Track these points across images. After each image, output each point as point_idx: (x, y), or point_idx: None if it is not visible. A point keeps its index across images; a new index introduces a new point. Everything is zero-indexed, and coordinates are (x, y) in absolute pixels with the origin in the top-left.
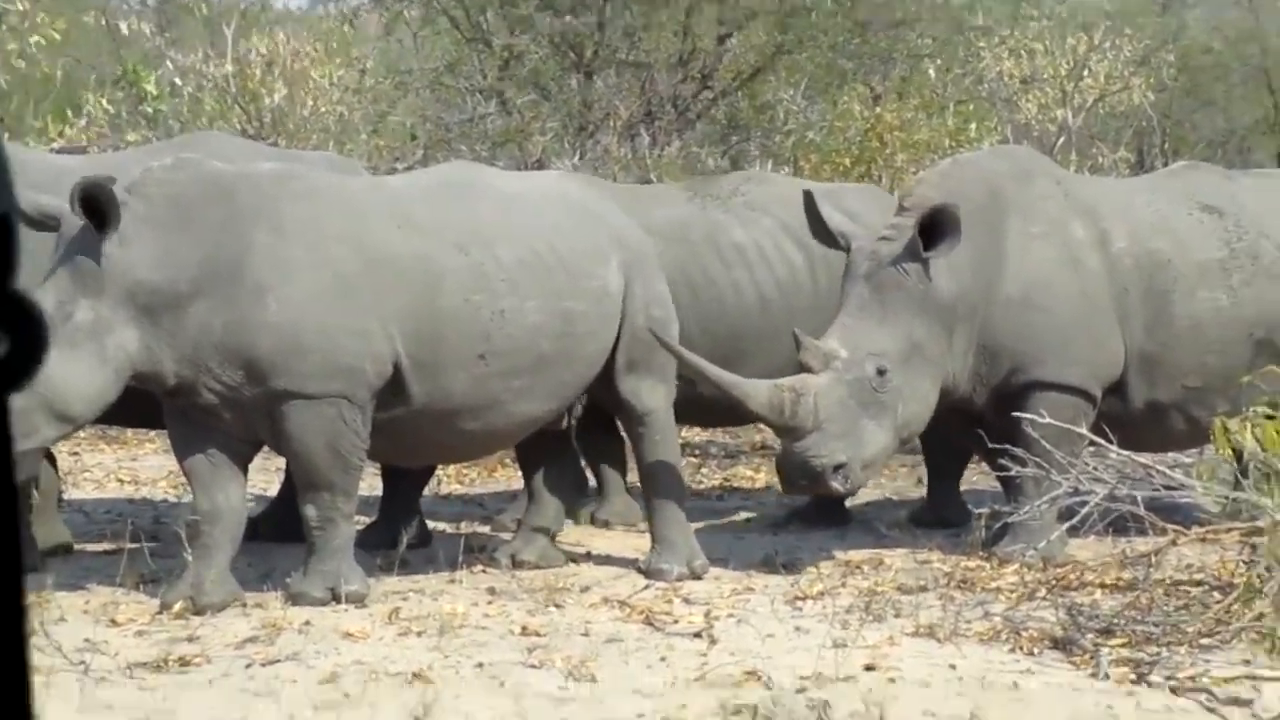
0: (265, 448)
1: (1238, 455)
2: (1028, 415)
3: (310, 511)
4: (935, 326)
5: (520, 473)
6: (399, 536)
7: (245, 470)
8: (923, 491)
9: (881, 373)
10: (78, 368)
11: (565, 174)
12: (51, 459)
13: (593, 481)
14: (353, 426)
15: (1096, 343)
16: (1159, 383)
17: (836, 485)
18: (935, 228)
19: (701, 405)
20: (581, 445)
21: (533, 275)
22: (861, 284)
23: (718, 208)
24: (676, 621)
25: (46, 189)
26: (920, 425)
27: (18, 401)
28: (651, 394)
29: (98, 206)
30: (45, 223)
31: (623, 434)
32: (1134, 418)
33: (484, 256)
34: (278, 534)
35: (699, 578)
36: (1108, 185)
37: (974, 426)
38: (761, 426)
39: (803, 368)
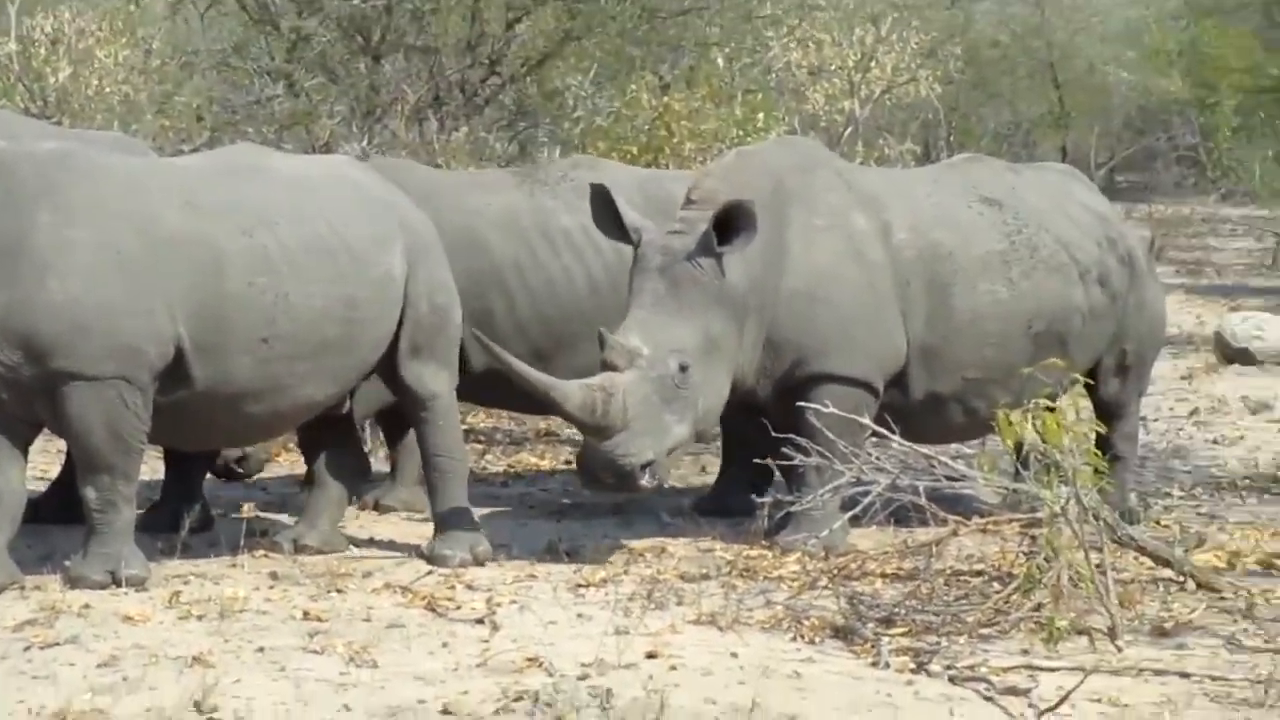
0: (46, 429)
1: (1018, 448)
2: (811, 405)
3: (90, 494)
4: (729, 320)
5: (303, 457)
6: (181, 520)
7: (25, 452)
8: (705, 479)
9: (683, 369)
10: None
11: (350, 159)
12: None
13: (387, 467)
14: (133, 409)
15: (880, 335)
16: (939, 375)
17: (645, 483)
18: (730, 222)
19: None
20: (384, 430)
21: (317, 260)
22: (655, 278)
23: (546, 194)
24: (459, 608)
25: None
26: (716, 418)
27: None
28: (435, 379)
29: None
30: None
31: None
32: (914, 409)
33: (268, 239)
34: (58, 516)
35: (482, 564)
36: (889, 176)
37: (755, 416)
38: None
39: (607, 365)
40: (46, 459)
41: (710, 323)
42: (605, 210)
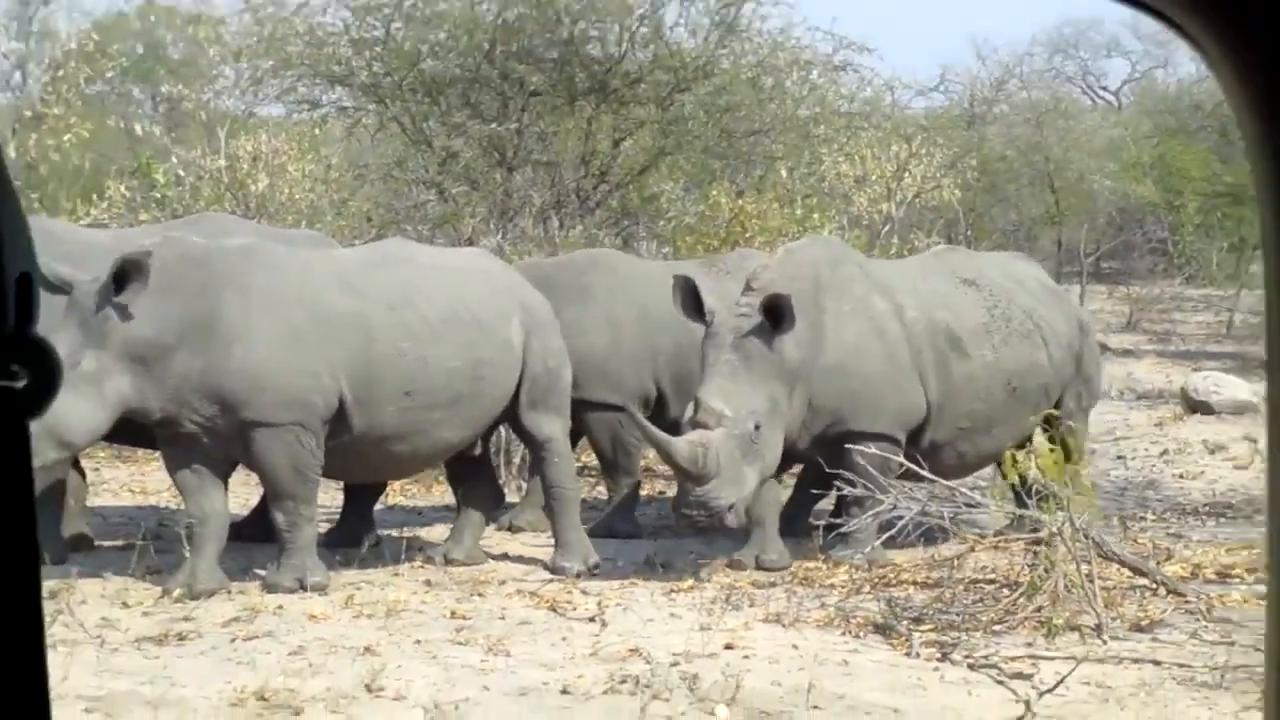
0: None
1: (1022, 481)
2: (855, 448)
3: (279, 517)
4: (784, 388)
5: (450, 489)
6: (355, 539)
7: (226, 483)
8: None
9: (757, 428)
10: (79, 405)
11: (481, 250)
12: (81, 472)
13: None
14: (308, 448)
15: (901, 396)
16: (941, 425)
17: (731, 520)
18: (776, 311)
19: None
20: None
21: (450, 329)
22: (729, 352)
23: (727, 278)
24: (575, 609)
25: (76, 256)
26: (775, 467)
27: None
28: (550, 425)
29: (127, 274)
30: (60, 287)
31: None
32: (921, 454)
33: (410, 314)
34: (256, 536)
35: (593, 574)
36: (894, 266)
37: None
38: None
39: (698, 424)
40: (247, 490)
41: (773, 390)
42: (688, 295)
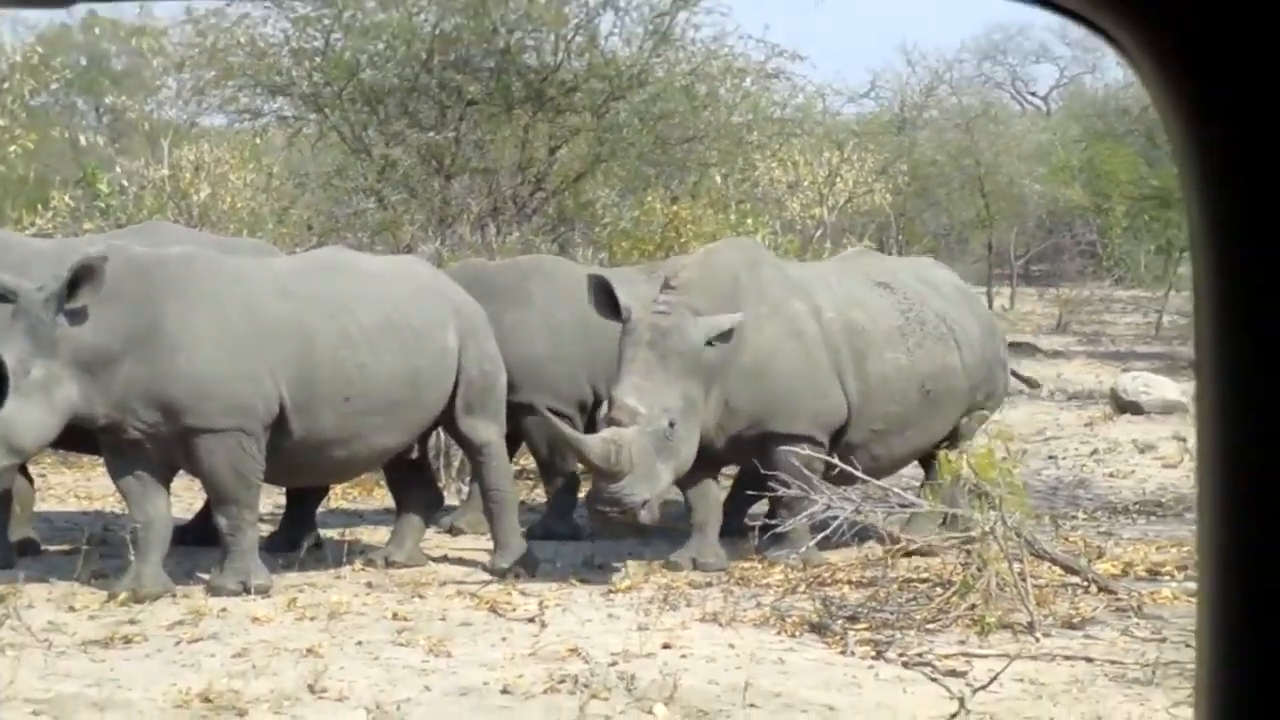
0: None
1: (955, 479)
2: (783, 448)
3: (222, 521)
4: (700, 386)
5: (390, 491)
6: (297, 542)
7: (168, 489)
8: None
9: (671, 425)
10: (30, 412)
11: (416, 258)
12: (28, 478)
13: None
14: (250, 453)
15: (820, 397)
16: (857, 427)
17: (644, 517)
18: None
19: None
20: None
21: (387, 336)
22: (645, 349)
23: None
24: (515, 609)
25: (21, 265)
26: (689, 465)
27: None
28: (485, 430)
29: (81, 279)
30: (4, 296)
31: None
32: (834, 455)
33: (348, 321)
34: (199, 539)
35: (533, 575)
36: (810, 269)
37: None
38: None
39: (612, 421)
40: (190, 494)
41: (688, 388)
42: (602, 295)
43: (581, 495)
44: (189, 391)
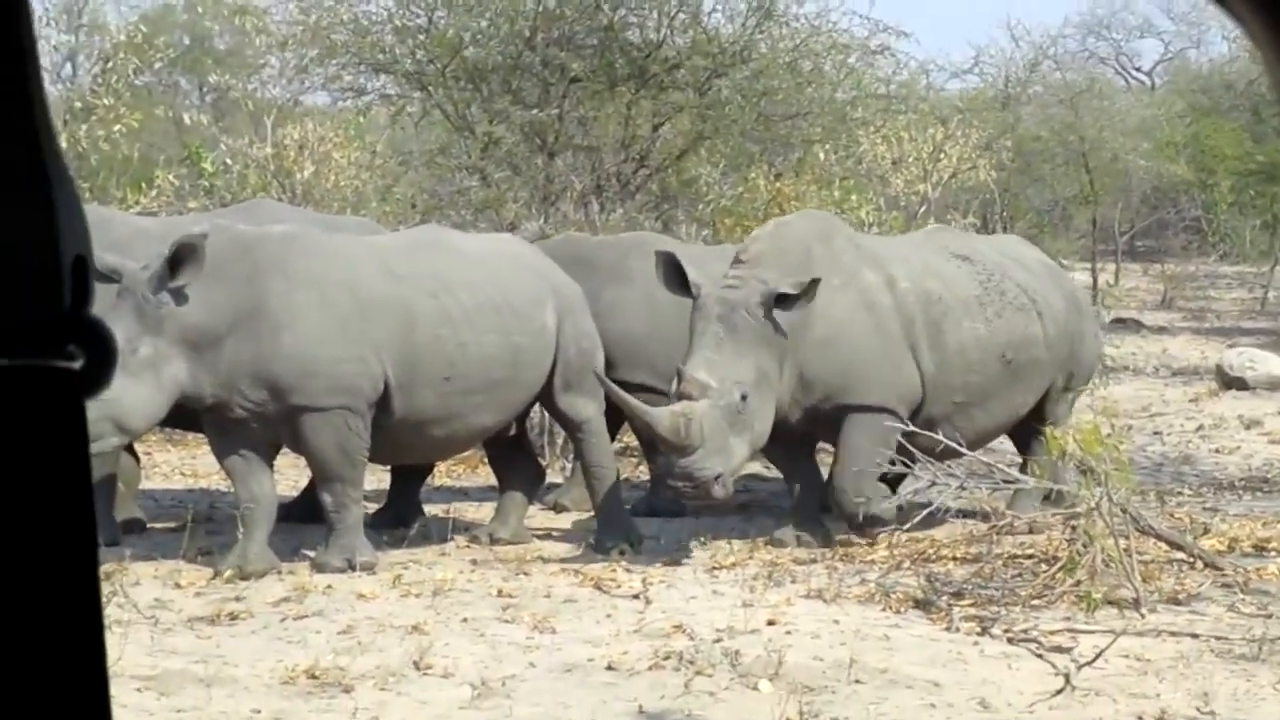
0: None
1: (1060, 455)
2: (861, 420)
3: (327, 499)
4: (773, 359)
5: (491, 469)
6: (403, 519)
7: (272, 467)
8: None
9: (744, 398)
10: (139, 391)
11: (513, 236)
12: (135, 456)
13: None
14: (355, 431)
15: (894, 369)
16: (936, 400)
17: (717, 492)
18: (794, 295)
19: None
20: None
21: (487, 315)
22: (716, 324)
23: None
24: (619, 586)
25: (126, 243)
26: (765, 438)
27: (92, 412)
28: (585, 407)
29: (182, 258)
30: (110, 276)
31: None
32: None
33: (450, 301)
34: (305, 517)
35: (637, 552)
36: (886, 241)
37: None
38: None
39: (682, 396)
40: (296, 471)
41: (761, 360)
42: (671, 271)
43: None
44: (294, 370)
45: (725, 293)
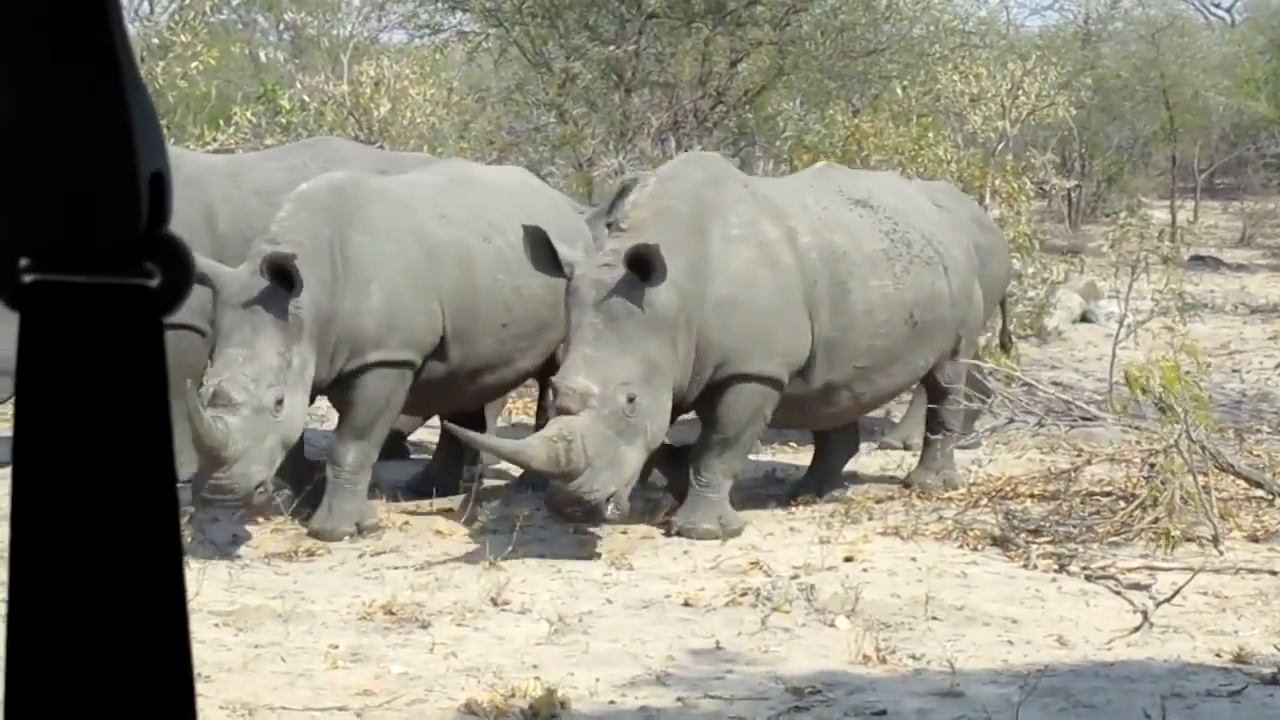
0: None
1: (1142, 392)
2: (744, 389)
3: (350, 457)
4: (665, 342)
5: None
6: (454, 481)
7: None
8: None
9: (631, 400)
10: (300, 403)
11: (522, 169)
12: None
13: None
14: (406, 385)
15: (792, 333)
16: (837, 364)
17: (610, 514)
18: (643, 263)
19: None
20: None
21: None
22: (592, 313)
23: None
24: None
25: (195, 180)
26: (663, 434)
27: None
28: None
29: (286, 271)
30: (207, 281)
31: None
32: (811, 397)
33: (502, 243)
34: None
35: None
36: (782, 185)
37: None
38: None
39: (562, 411)
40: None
41: (649, 349)
42: (541, 249)
43: None
44: (379, 324)
45: (601, 273)
